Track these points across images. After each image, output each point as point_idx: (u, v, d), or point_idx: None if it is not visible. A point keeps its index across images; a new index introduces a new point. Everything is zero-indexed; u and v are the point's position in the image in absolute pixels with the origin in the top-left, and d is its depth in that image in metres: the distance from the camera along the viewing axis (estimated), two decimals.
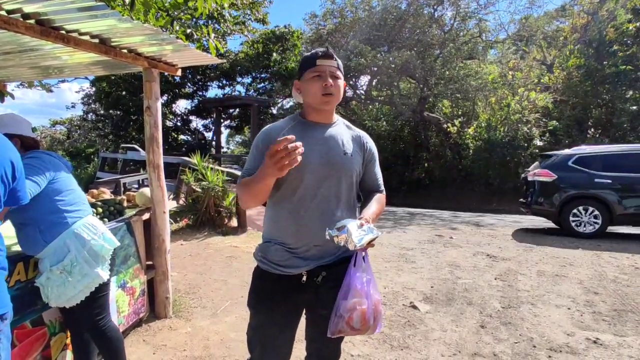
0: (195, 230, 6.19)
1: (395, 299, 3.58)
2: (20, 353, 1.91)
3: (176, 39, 2.49)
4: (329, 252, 1.44)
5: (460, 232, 6.73)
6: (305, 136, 1.42)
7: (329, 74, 1.42)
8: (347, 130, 1.56)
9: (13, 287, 1.87)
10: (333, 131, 1.50)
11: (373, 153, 1.59)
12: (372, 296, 1.35)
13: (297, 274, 1.43)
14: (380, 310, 1.38)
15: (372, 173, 1.59)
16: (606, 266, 4.59)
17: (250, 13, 12.95)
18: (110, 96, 16.23)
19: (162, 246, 3.01)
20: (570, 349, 2.66)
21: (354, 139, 1.54)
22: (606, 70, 10.67)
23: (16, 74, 3.45)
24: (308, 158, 1.37)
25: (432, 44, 13.48)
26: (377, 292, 1.39)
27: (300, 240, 1.43)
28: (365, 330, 1.36)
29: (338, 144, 1.48)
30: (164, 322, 3.00)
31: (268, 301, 1.48)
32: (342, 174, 1.46)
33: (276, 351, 1.51)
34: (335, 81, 1.44)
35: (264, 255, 1.48)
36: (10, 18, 1.82)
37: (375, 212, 1.47)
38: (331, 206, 1.44)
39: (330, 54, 1.44)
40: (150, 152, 2.93)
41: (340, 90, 1.47)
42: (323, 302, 1.45)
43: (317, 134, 1.47)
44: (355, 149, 1.52)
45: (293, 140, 1.18)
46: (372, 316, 1.35)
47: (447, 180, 12.34)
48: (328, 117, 1.52)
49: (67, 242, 1.87)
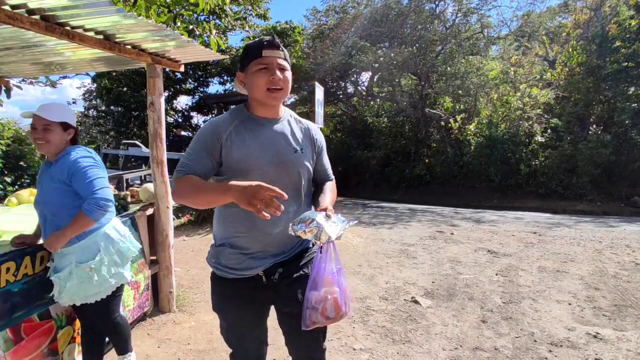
0: (197, 226, 6.22)
1: (397, 294, 3.61)
2: (28, 346, 1.94)
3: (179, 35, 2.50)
4: (283, 249, 1.41)
5: (461, 229, 6.75)
6: (255, 133, 1.37)
7: (276, 66, 1.32)
8: (295, 124, 1.50)
9: (20, 281, 1.89)
10: (281, 127, 1.44)
11: (322, 144, 1.56)
12: (342, 284, 1.34)
13: (254, 275, 1.40)
14: (349, 294, 1.38)
15: (322, 164, 1.56)
16: (607, 262, 4.61)
17: (252, 8, 12.90)
18: (111, 92, 16.19)
19: (166, 241, 3.03)
20: (571, 344, 2.68)
21: (303, 133, 1.49)
22: (608, 67, 10.63)
23: (18, 70, 3.46)
24: (258, 159, 1.33)
25: (434, 40, 13.41)
26: (346, 280, 1.38)
27: (254, 241, 1.38)
28: (340, 318, 1.34)
29: (288, 142, 1.42)
30: (168, 316, 3.03)
31: (230, 305, 1.45)
32: (295, 172, 1.41)
33: (250, 347, 1.52)
34: (283, 74, 1.35)
35: (217, 260, 1.43)
36: (15, 13, 1.83)
37: (331, 199, 1.45)
38: (286, 203, 1.33)
39: (277, 44, 1.34)
40: (154, 148, 2.95)
41: (289, 84, 1.38)
42: (283, 299, 1.43)
43: (266, 131, 1.40)
44: (306, 144, 1.47)
45: (284, 198, 1.11)
46: (344, 302, 1.34)
47: (448, 177, 12.33)
48: (275, 112, 1.45)
49: (97, 241, 1.93)
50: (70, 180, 1.83)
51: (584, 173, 10.29)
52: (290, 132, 1.45)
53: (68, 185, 1.83)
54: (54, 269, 1.91)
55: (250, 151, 1.35)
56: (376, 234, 6.26)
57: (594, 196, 10.12)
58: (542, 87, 12.15)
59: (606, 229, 6.74)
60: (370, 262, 4.65)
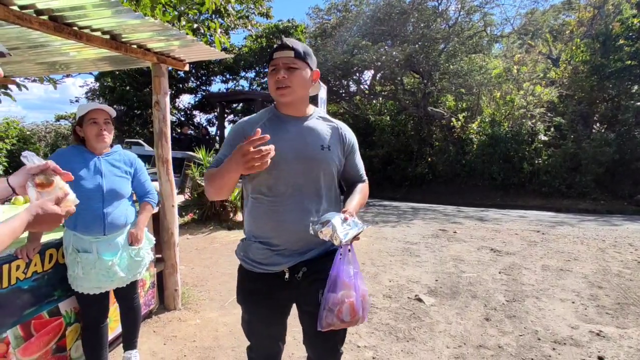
0: (200, 225, 6.25)
1: (400, 292, 3.62)
2: (38, 343, 1.96)
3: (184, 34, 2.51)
4: (309, 247, 1.41)
5: (464, 227, 6.75)
6: (279, 131, 1.40)
7: (282, 66, 1.36)
8: (323, 123, 1.51)
9: (30, 278, 1.92)
10: (309, 124, 1.46)
11: (353, 143, 1.54)
12: (359, 288, 1.34)
13: (279, 272, 1.42)
14: (367, 300, 1.38)
15: (353, 164, 1.55)
16: (610, 261, 4.61)
17: (254, 7, 12.90)
18: (114, 91, 16.24)
19: (171, 239, 3.05)
20: (574, 341, 2.69)
21: (332, 131, 1.49)
22: (612, 65, 10.59)
23: (22, 70, 3.49)
24: (283, 154, 1.34)
25: (437, 38, 13.38)
26: (364, 284, 1.38)
27: (280, 237, 1.40)
28: (355, 322, 1.35)
29: (315, 138, 1.43)
30: (174, 314, 3.05)
31: (253, 299, 1.48)
32: (321, 169, 1.42)
33: (266, 342, 1.56)
34: (291, 72, 1.36)
35: (246, 254, 1.47)
36: (23, 14, 1.85)
37: (358, 203, 1.46)
38: (312, 202, 1.40)
39: (286, 44, 1.37)
40: (159, 147, 2.97)
41: (301, 81, 1.38)
42: (305, 298, 1.45)
43: (292, 128, 1.43)
44: (334, 142, 1.47)
45: (266, 140, 1.15)
46: (361, 307, 1.34)
47: (450, 175, 12.32)
48: (300, 110, 1.47)
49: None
50: (133, 172, 2.13)
51: (587, 172, 10.27)
52: (318, 130, 1.46)
53: (130, 176, 2.12)
54: (110, 251, 2.02)
55: (284, 146, 1.36)
56: (379, 232, 6.28)
57: (598, 195, 10.10)
58: (545, 86, 12.11)
59: (609, 227, 6.74)
60: (373, 260, 4.67)
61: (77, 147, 2.02)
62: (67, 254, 1.97)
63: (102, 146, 2.02)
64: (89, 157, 1.99)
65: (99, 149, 2.02)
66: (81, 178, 1.92)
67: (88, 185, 1.94)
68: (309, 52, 1.42)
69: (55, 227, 0.99)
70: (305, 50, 1.40)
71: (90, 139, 1.98)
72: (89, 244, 1.96)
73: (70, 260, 1.95)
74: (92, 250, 1.95)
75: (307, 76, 1.41)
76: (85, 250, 1.95)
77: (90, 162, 1.98)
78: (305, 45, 1.42)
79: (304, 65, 1.39)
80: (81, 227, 1.94)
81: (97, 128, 1.96)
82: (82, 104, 2.03)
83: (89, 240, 1.95)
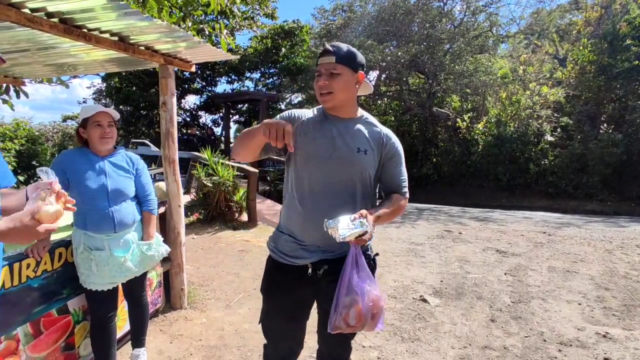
0: (206, 225, 6.27)
1: (405, 293, 3.62)
2: (47, 340, 1.99)
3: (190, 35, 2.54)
4: (333, 246, 1.40)
5: (469, 228, 6.73)
6: (321, 129, 1.45)
7: (324, 72, 1.40)
8: (367, 127, 1.51)
9: (40, 277, 1.95)
10: (350, 126, 1.47)
11: (394, 151, 1.51)
12: (367, 293, 1.32)
13: (303, 265, 1.45)
14: (381, 306, 1.35)
15: (391, 172, 1.52)
16: (617, 262, 4.57)
17: (259, 8, 12.95)
18: (121, 92, 16.39)
19: (178, 239, 3.08)
20: (580, 343, 2.68)
21: (372, 136, 1.48)
22: (619, 65, 10.50)
23: (31, 71, 3.54)
24: (317, 151, 1.40)
25: (442, 38, 13.35)
26: (377, 289, 1.35)
27: (306, 232, 1.44)
28: (362, 327, 1.34)
29: (352, 140, 1.44)
30: (180, 313, 3.08)
31: (275, 289, 1.53)
32: (354, 171, 1.43)
33: (282, 340, 1.58)
34: (333, 78, 1.39)
35: (275, 245, 1.53)
36: (34, 16, 1.88)
37: (382, 211, 1.41)
38: (343, 203, 1.40)
39: (328, 50, 1.40)
40: (166, 147, 2.99)
41: (344, 87, 1.41)
42: (324, 295, 1.47)
43: (333, 128, 1.46)
44: (372, 146, 1.46)
45: (291, 129, 1.27)
46: (370, 312, 1.32)
47: (455, 176, 12.29)
48: (347, 112, 1.49)
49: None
50: (136, 173, 2.17)
51: (594, 172, 10.19)
52: (358, 133, 1.47)
53: (133, 176, 2.16)
54: (122, 247, 2.06)
55: (310, 142, 1.43)
56: (384, 233, 6.27)
57: (605, 196, 10.02)
58: (552, 86, 12.04)
59: (617, 229, 6.68)
60: (378, 260, 4.66)
61: (81, 149, 2.05)
62: (77, 253, 2.00)
63: (106, 148, 2.06)
64: (94, 158, 2.03)
65: (103, 151, 2.06)
66: (86, 179, 1.97)
67: (93, 185, 1.98)
68: (352, 55, 1.42)
69: (27, 243, 0.99)
70: (349, 53, 1.41)
71: (95, 141, 2.01)
72: (101, 242, 1.99)
73: (82, 259, 1.98)
74: (104, 248, 1.99)
75: (349, 80, 1.42)
76: (97, 248, 1.98)
77: (94, 163, 2.02)
78: (350, 47, 1.43)
79: (346, 69, 1.40)
80: (91, 227, 1.97)
81: (101, 130, 1.99)
82: (85, 106, 2.05)
83: (100, 238, 1.99)
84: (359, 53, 1.46)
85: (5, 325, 1.79)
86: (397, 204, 1.49)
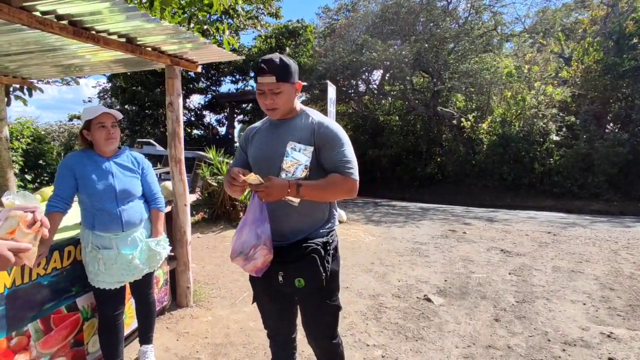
0: (211, 224, 6.32)
1: (409, 292, 3.64)
2: (57, 336, 2.03)
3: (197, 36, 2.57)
4: (283, 235, 1.57)
5: (474, 228, 6.72)
6: (264, 135, 1.65)
7: (267, 92, 1.51)
8: (304, 120, 1.60)
9: (50, 274, 1.99)
10: (290, 125, 1.60)
11: (326, 137, 1.55)
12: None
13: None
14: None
15: (328, 156, 1.54)
16: (623, 263, 4.56)
17: (263, 7, 12.98)
18: (126, 91, 16.47)
19: (184, 238, 3.11)
20: (585, 343, 2.68)
21: (307, 128, 1.57)
22: (626, 64, 10.42)
23: (39, 73, 3.59)
24: (260, 154, 1.62)
25: (446, 37, 13.30)
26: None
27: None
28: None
29: (285, 137, 1.55)
30: (186, 311, 3.11)
31: (253, 277, 1.67)
32: (280, 163, 1.53)
33: (268, 317, 1.78)
34: (276, 96, 1.51)
35: None
36: (45, 19, 1.92)
37: (311, 181, 1.49)
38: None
39: (264, 70, 1.48)
40: (172, 147, 3.03)
41: (286, 101, 1.55)
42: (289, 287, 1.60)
43: (277, 130, 1.61)
44: (306, 138, 1.54)
45: (240, 175, 1.44)
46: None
47: (460, 176, 12.24)
48: (285, 115, 1.62)
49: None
50: (142, 172, 2.22)
51: (600, 172, 10.12)
52: (295, 128, 1.58)
53: (139, 175, 2.21)
54: (131, 245, 2.10)
55: (259, 148, 1.64)
56: (388, 232, 6.29)
57: (611, 196, 9.95)
58: (557, 85, 11.96)
59: (622, 229, 6.64)
60: (382, 260, 4.68)
61: (86, 151, 2.08)
62: (86, 252, 2.04)
63: (111, 149, 2.09)
64: (100, 160, 2.06)
65: (107, 152, 2.09)
66: (94, 181, 2.00)
67: (101, 187, 2.01)
68: (288, 69, 1.52)
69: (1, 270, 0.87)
70: (285, 68, 1.50)
71: (99, 142, 2.04)
72: (109, 241, 2.02)
73: (91, 258, 2.02)
74: (112, 247, 2.02)
75: (291, 93, 1.56)
76: (105, 247, 2.02)
77: (101, 165, 2.05)
78: (282, 59, 1.51)
79: (286, 85, 1.53)
80: (99, 227, 2.00)
81: (105, 132, 2.02)
82: (88, 108, 2.07)
83: (108, 238, 2.02)
84: (291, 62, 1.54)
85: (17, 322, 1.83)
86: (331, 179, 1.52)
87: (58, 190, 1.96)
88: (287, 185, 1.43)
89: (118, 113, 2.11)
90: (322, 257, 1.54)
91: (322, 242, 1.56)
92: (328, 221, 1.65)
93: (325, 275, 1.54)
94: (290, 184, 1.44)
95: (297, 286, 1.52)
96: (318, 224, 1.61)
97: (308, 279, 1.52)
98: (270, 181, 1.42)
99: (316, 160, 1.54)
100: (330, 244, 1.60)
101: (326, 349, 1.71)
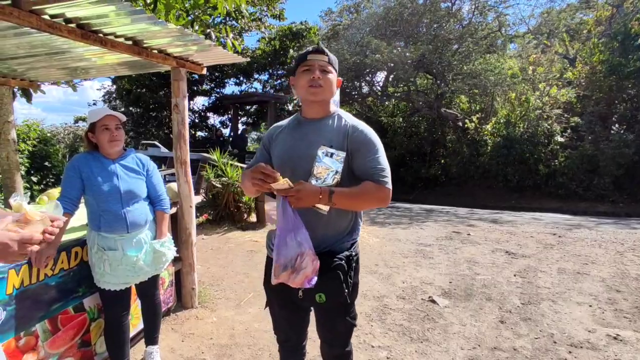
0: (215, 225, 6.34)
1: (414, 294, 3.63)
2: (64, 337, 2.04)
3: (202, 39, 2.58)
4: (317, 242, 1.43)
5: (478, 229, 6.70)
6: (293, 134, 1.55)
7: (317, 67, 1.46)
8: (336, 123, 1.52)
9: (57, 275, 2.00)
10: (320, 126, 1.51)
11: (360, 142, 1.47)
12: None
13: None
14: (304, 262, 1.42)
15: (361, 163, 1.46)
16: (629, 264, 4.52)
17: (267, 9, 13.02)
18: (131, 93, 16.58)
19: (189, 239, 3.13)
20: (591, 345, 2.66)
21: (339, 131, 1.49)
22: (631, 64, 10.36)
23: (45, 75, 3.63)
24: (288, 154, 1.52)
25: (450, 38, 13.29)
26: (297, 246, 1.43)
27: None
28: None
29: (314, 138, 1.47)
30: (191, 312, 3.12)
31: (268, 282, 1.57)
32: (309, 166, 1.45)
33: (280, 324, 1.71)
34: (325, 75, 1.47)
35: (270, 240, 1.61)
36: (54, 22, 1.94)
37: (351, 193, 1.40)
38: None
39: (321, 50, 1.48)
40: (178, 149, 3.04)
41: (331, 85, 1.49)
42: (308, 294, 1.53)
43: (305, 129, 1.53)
44: (338, 141, 1.46)
45: (275, 173, 1.34)
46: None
47: (464, 177, 12.21)
48: (319, 112, 1.54)
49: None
50: (147, 174, 2.23)
51: (605, 173, 10.05)
52: (325, 130, 1.50)
53: (144, 177, 2.21)
54: (136, 247, 2.12)
55: (284, 148, 1.55)
56: (392, 234, 6.28)
57: (616, 197, 9.88)
58: (562, 86, 11.91)
59: (628, 230, 6.59)
60: (386, 261, 4.68)
61: (92, 153, 2.10)
62: (92, 253, 2.06)
63: (115, 150, 2.11)
64: (105, 162, 2.08)
65: (112, 154, 2.11)
66: (100, 182, 2.02)
67: (106, 188, 2.03)
68: (336, 61, 1.55)
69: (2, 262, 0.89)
70: (335, 59, 1.54)
71: (104, 144, 2.06)
72: (114, 242, 2.04)
73: (97, 259, 2.03)
74: (117, 248, 2.04)
75: (334, 82, 1.52)
76: (110, 248, 2.03)
77: (106, 167, 2.07)
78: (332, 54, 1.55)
79: (333, 72, 1.51)
80: (105, 228, 2.02)
81: (109, 134, 2.05)
82: (92, 110, 2.09)
83: (113, 239, 2.04)
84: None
85: (25, 322, 1.84)
86: (364, 187, 1.43)
87: (65, 192, 1.98)
88: (318, 191, 1.35)
89: (122, 115, 2.13)
90: (346, 272, 1.46)
91: (345, 257, 1.48)
92: (352, 232, 1.56)
93: (348, 291, 1.47)
94: (322, 191, 1.35)
95: (317, 301, 1.46)
96: (342, 234, 1.52)
97: (329, 295, 1.45)
98: (302, 185, 1.34)
99: (347, 166, 1.45)
100: (353, 257, 1.52)
101: (338, 356, 1.67)
